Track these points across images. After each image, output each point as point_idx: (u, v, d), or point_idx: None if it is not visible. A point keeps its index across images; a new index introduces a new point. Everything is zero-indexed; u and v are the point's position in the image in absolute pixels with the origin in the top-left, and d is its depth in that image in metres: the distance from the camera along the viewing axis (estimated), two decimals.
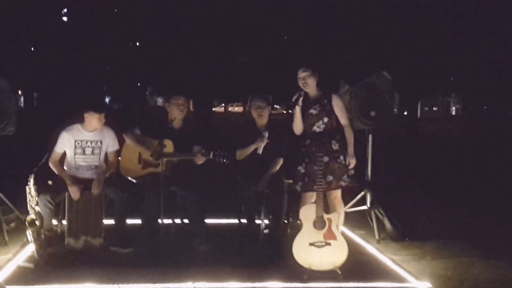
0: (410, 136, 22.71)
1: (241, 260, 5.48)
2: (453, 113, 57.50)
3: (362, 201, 7.02)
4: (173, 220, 6.18)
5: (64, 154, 5.93)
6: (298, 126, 5.58)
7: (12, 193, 6.33)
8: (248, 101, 6.21)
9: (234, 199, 6.18)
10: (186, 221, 6.10)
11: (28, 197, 5.32)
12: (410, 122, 24.87)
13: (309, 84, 5.60)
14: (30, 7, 24.53)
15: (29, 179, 5.34)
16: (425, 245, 6.47)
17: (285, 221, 6.24)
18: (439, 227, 7.37)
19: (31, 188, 5.32)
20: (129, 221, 6.09)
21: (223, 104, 55.56)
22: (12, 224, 6.45)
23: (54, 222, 5.90)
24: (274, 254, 5.54)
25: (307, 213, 5.10)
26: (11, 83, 6.44)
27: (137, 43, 31.64)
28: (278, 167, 6.11)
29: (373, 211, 6.86)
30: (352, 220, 7.20)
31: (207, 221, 6.19)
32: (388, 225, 6.78)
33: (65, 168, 5.92)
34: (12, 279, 4.84)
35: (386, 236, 6.73)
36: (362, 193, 7.09)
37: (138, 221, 5.97)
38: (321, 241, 5.03)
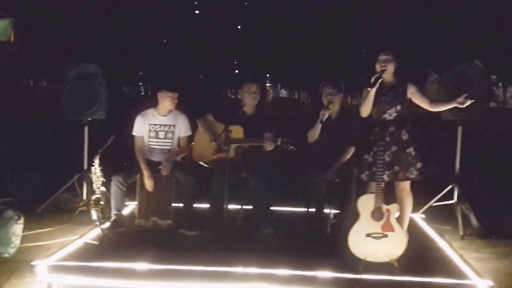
0: None
1: (301, 248, 5.45)
2: None
3: (451, 196, 6.79)
4: (241, 206, 6.24)
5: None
6: (368, 109, 5.37)
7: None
8: (320, 89, 6.12)
9: (303, 188, 6.13)
10: None
11: (94, 177, 5.56)
12: None
13: (388, 69, 5.39)
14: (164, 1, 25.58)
15: (94, 160, 5.57)
16: None
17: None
18: None
19: (96, 168, 5.56)
20: (199, 205, 6.23)
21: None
22: None
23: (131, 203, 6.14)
24: (337, 244, 5.43)
25: (366, 203, 4.94)
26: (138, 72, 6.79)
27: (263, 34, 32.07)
28: (349, 156, 5.98)
29: (459, 206, 6.59)
30: (440, 214, 6.98)
31: (276, 208, 6.19)
32: (474, 221, 6.54)
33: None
34: (75, 255, 5.08)
35: (473, 232, 6.46)
36: (450, 186, 6.82)
37: (207, 206, 6.09)
38: (378, 233, 4.87)
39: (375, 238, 4.87)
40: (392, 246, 4.85)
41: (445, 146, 7.66)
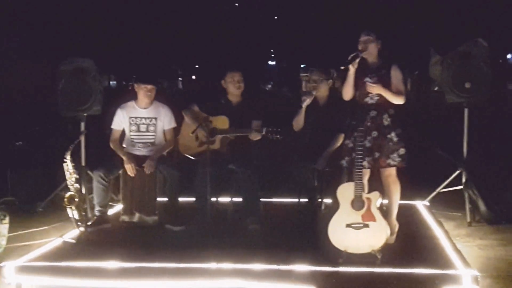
0: None
1: (285, 242, 5.23)
2: None
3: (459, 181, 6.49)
4: (231, 199, 6.05)
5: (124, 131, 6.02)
6: (348, 91, 5.09)
7: None
8: (308, 74, 5.88)
9: (293, 178, 5.92)
10: None
11: (67, 174, 5.43)
12: None
13: (369, 50, 5.09)
14: None
15: (65, 156, 5.42)
16: None
17: None
18: None
19: (68, 165, 5.43)
20: (186, 199, 6.08)
21: None
22: None
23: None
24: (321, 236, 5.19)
25: (345, 192, 4.69)
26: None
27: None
28: (339, 144, 5.72)
29: (467, 192, 6.27)
30: (450, 201, 6.71)
31: (268, 200, 6.00)
32: (482, 207, 6.25)
33: (123, 145, 6.00)
34: (48, 255, 4.95)
35: (482, 218, 6.21)
36: (458, 172, 6.51)
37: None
38: (359, 223, 4.61)
39: (355, 228, 4.62)
40: (374, 236, 4.59)
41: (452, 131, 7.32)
